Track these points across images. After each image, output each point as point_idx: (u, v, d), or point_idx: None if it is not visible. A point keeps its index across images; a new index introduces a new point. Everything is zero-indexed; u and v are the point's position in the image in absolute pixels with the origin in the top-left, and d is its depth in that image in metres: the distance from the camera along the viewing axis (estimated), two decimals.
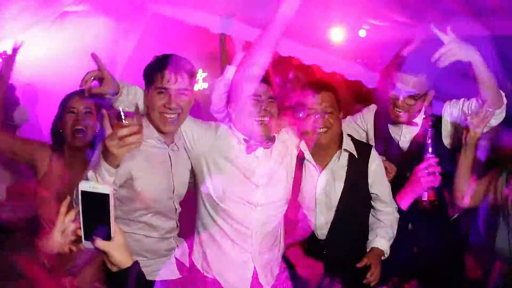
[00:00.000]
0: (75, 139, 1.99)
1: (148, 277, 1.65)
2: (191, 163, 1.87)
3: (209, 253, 1.89)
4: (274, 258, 1.98)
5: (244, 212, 1.85)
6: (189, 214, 1.96)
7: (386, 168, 1.98)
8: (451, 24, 1.80)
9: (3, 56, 2.39)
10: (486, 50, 1.83)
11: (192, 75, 1.75)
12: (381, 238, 1.89)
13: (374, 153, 1.92)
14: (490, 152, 2.05)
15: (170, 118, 1.70)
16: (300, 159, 1.98)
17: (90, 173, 1.48)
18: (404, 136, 2.06)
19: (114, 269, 1.15)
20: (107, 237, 1.13)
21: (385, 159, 2.03)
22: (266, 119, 1.84)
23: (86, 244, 1.16)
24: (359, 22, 2.82)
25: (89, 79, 1.60)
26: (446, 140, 2.00)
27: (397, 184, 1.96)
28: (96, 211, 1.12)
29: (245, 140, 1.87)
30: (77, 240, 1.20)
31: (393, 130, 2.08)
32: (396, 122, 2.03)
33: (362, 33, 2.79)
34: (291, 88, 3.04)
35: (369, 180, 1.89)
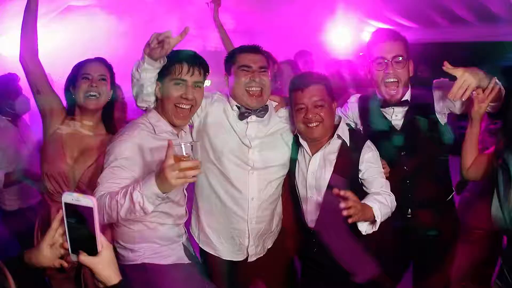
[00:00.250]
0: (88, 103, 2.06)
1: (160, 262, 1.82)
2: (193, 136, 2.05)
3: (205, 221, 2.06)
4: (270, 231, 2.11)
5: (240, 175, 2.00)
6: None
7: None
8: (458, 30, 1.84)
9: None
10: None
11: (206, 71, 1.90)
12: (373, 202, 1.78)
13: (369, 144, 1.96)
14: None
15: (184, 109, 1.84)
16: (294, 141, 2.09)
17: (136, 194, 1.49)
18: (395, 114, 2.08)
19: (101, 286, 1.12)
20: (93, 251, 1.10)
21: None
22: (257, 89, 1.99)
23: (73, 258, 1.13)
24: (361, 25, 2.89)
25: (160, 38, 1.66)
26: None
27: (394, 173, 1.99)
28: (80, 224, 1.09)
29: (237, 107, 2.03)
30: (68, 254, 1.16)
31: (384, 111, 2.11)
32: (389, 101, 2.06)
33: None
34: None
35: (361, 167, 1.91)
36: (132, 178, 1.67)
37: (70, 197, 1.08)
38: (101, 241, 1.11)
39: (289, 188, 2.10)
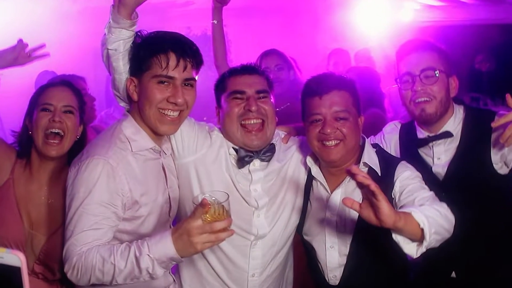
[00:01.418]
0: (47, 146, 1.91)
1: None
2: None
3: None
4: None
5: (239, 247, 1.91)
6: None
7: None
8: None
9: None
10: None
11: (200, 62, 1.81)
12: (413, 208, 1.62)
13: (404, 163, 1.90)
14: None
15: (172, 116, 1.76)
16: (308, 175, 2.03)
17: (145, 259, 1.46)
18: (437, 157, 2.03)
19: None
20: None
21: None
22: (256, 122, 1.93)
23: None
24: None
25: None
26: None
27: None
28: (7, 285, 1.04)
29: (234, 150, 1.96)
30: None
31: (423, 152, 2.07)
32: (424, 121, 2.02)
33: None
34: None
35: (395, 191, 1.83)
36: (115, 217, 1.62)
37: None
38: None
39: (301, 237, 2.05)
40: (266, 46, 3.37)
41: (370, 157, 1.91)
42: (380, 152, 2.00)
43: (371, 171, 1.89)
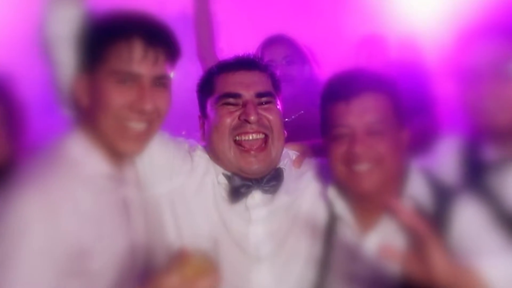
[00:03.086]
0: None
1: None
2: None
3: None
4: None
5: None
6: None
7: None
8: None
9: None
10: None
11: (177, 52, 1.83)
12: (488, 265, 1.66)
13: (464, 201, 1.91)
14: None
15: (137, 129, 1.79)
16: (329, 213, 2.05)
17: None
18: None
19: None
20: None
21: None
22: (256, 137, 1.98)
23: None
24: None
25: None
26: None
27: None
28: None
29: (226, 177, 1.99)
30: None
31: (494, 179, 2.05)
32: (498, 135, 2.03)
33: None
34: None
35: (456, 243, 1.81)
36: (56, 273, 1.62)
37: None
38: None
39: None
40: (271, 30, 3.40)
41: (417, 187, 1.94)
42: (432, 180, 2.01)
43: (419, 207, 1.89)
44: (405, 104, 2.01)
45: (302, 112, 2.92)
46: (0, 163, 2.01)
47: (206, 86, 2.05)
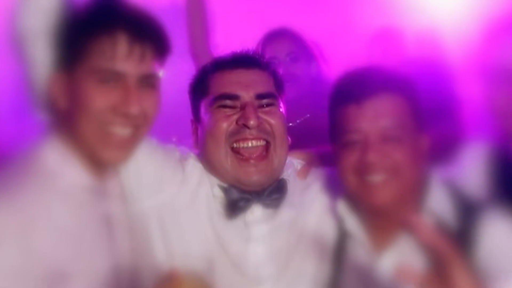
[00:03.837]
0: None
1: None
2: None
3: None
4: None
5: None
6: None
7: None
8: None
9: None
10: None
11: (167, 48, 1.84)
12: None
13: (493, 217, 1.91)
14: None
15: (121, 134, 1.80)
16: (339, 230, 2.07)
17: None
18: None
19: None
20: None
21: None
22: (256, 144, 1.99)
23: None
24: None
25: None
26: None
27: None
28: None
29: (222, 189, 2.01)
30: None
31: None
32: None
33: None
34: None
35: (483, 264, 1.82)
36: None
37: None
38: None
39: None
40: (273, 23, 3.41)
41: (439, 201, 1.95)
42: (456, 192, 2.02)
43: (441, 223, 1.89)
44: (425, 106, 2.02)
45: (308, 115, 2.93)
46: None
47: (200, 87, 2.06)
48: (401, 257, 1.90)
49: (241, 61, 2.05)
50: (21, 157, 1.83)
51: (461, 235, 1.88)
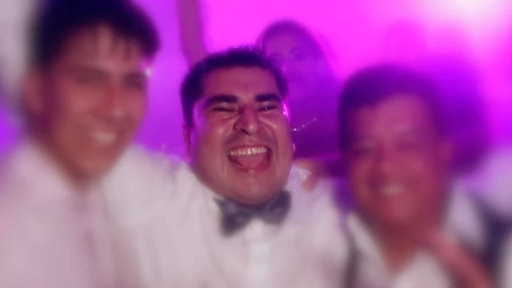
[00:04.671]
0: None
1: None
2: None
3: None
4: None
5: None
6: None
7: None
8: None
9: None
10: None
11: (156, 43, 1.85)
12: None
13: None
14: None
15: (104, 141, 1.80)
16: (350, 249, 2.08)
17: None
18: None
19: None
20: None
21: None
22: (256, 152, 2.01)
23: None
24: None
25: None
26: None
27: None
28: None
29: (218, 202, 2.03)
30: None
31: None
32: None
33: None
34: None
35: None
36: None
37: None
38: None
39: None
40: (275, 15, 3.43)
41: (463, 216, 1.95)
42: (482, 206, 2.02)
43: (464, 240, 1.90)
44: (447, 109, 2.03)
45: (315, 119, 2.94)
46: None
47: (193, 87, 2.07)
48: (419, 279, 1.92)
49: (239, 58, 2.06)
50: None
51: (488, 255, 1.88)
